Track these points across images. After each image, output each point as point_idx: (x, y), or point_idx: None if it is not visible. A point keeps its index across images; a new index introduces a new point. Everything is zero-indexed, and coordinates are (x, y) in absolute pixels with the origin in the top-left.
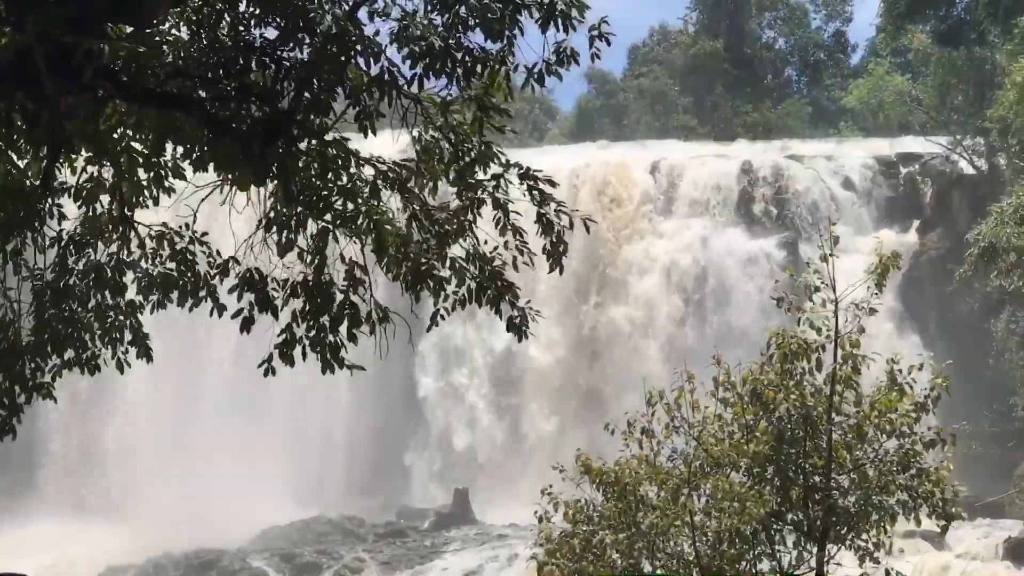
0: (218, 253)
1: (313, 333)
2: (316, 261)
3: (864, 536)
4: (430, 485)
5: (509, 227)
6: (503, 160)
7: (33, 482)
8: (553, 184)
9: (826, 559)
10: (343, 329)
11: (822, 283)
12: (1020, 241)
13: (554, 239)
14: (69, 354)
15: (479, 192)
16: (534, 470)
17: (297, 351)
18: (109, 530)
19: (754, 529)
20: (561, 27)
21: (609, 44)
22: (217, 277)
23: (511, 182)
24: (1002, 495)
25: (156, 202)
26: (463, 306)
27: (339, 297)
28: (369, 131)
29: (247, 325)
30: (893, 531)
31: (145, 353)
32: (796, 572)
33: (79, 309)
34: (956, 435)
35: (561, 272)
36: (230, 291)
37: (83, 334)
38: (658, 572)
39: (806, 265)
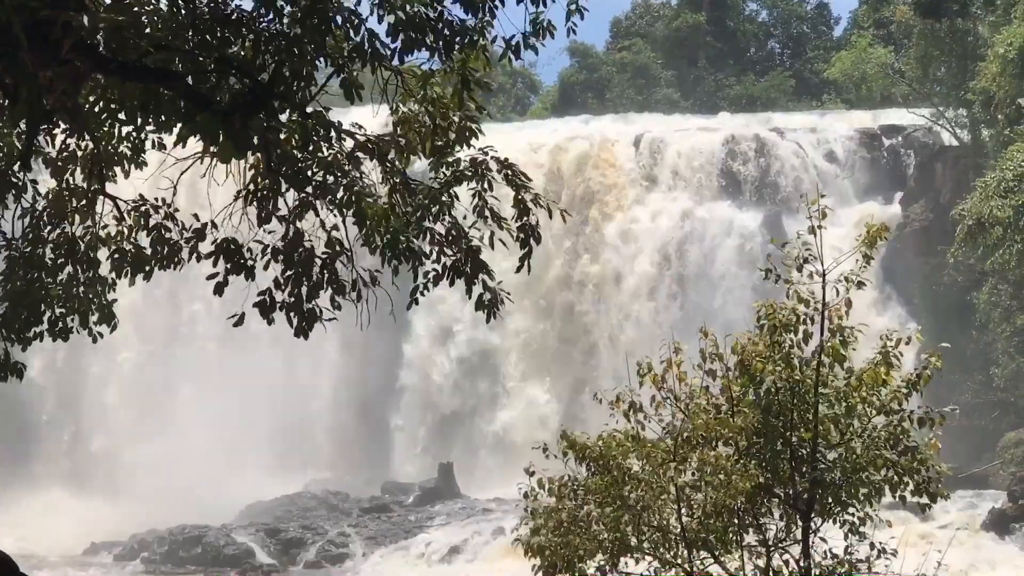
0: (204, 225)
1: (292, 299)
2: (293, 230)
3: (850, 510)
4: (414, 459)
5: (487, 211)
6: (481, 137)
7: (18, 459)
8: (527, 179)
9: (812, 532)
10: (324, 297)
11: (810, 255)
12: (1004, 214)
13: (527, 230)
14: (42, 326)
15: (459, 168)
16: (516, 438)
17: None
18: (93, 507)
19: (740, 502)
20: None
21: (583, 17)
22: (193, 243)
23: (491, 170)
24: (986, 466)
25: (127, 175)
26: (436, 283)
27: (319, 265)
28: (351, 105)
29: (220, 289)
30: (879, 504)
31: (109, 321)
32: (782, 545)
33: (49, 281)
34: (946, 416)
35: (529, 271)
36: (205, 256)
37: (54, 305)
38: (644, 545)
39: (795, 237)
